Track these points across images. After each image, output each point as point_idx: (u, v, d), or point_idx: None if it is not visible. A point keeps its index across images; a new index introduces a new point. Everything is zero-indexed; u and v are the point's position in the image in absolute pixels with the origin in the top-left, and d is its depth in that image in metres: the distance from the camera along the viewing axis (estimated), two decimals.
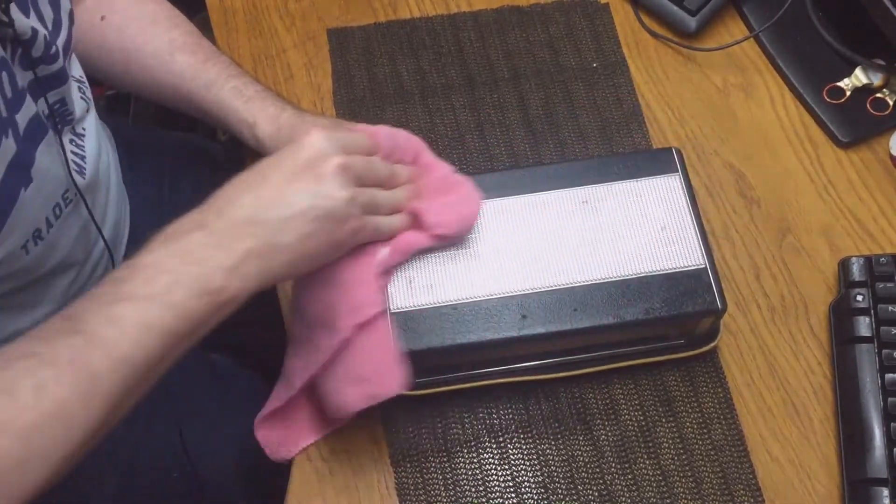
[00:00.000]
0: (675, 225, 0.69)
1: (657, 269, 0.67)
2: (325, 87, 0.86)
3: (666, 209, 0.69)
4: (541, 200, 0.70)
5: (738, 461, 0.70)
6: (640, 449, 0.70)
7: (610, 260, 0.67)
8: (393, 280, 0.66)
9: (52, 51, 0.64)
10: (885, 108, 0.84)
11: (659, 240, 0.68)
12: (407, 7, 0.91)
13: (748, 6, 0.90)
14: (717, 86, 0.86)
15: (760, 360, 0.74)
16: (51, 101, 0.67)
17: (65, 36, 0.67)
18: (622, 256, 0.67)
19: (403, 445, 0.71)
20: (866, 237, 0.79)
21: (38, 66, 0.63)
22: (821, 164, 0.83)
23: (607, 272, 0.67)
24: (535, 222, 0.69)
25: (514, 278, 0.66)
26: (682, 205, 0.69)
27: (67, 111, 0.70)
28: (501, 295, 0.66)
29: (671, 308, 0.66)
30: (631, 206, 0.69)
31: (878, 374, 0.70)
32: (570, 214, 0.69)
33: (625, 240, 0.68)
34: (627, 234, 0.68)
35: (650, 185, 0.70)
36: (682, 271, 0.67)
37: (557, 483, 0.69)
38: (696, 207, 0.69)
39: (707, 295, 0.66)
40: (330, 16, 0.90)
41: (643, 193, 0.70)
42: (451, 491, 0.69)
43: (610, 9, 0.90)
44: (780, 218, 0.80)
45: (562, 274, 0.67)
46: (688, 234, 0.68)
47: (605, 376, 0.73)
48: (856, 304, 0.73)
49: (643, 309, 0.66)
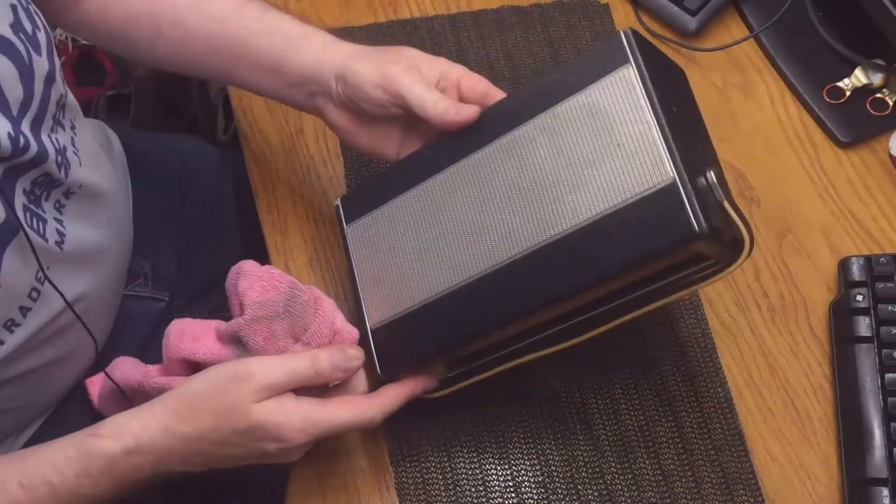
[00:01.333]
0: (634, 134, 0.53)
1: (619, 202, 0.53)
2: None
3: (622, 117, 0.54)
4: (486, 159, 0.60)
5: (738, 461, 0.70)
6: (640, 449, 0.70)
7: (567, 206, 0.55)
8: (366, 297, 0.64)
9: (21, 143, 0.59)
10: (885, 108, 0.84)
11: (616, 162, 0.53)
12: (407, 7, 0.91)
13: (748, 6, 0.90)
14: (716, 86, 0.86)
15: (760, 360, 0.74)
16: (32, 178, 0.63)
17: (34, 110, 0.62)
18: (578, 198, 0.55)
19: (403, 445, 0.71)
20: (866, 237, 0.79)
21: (4, 163, 0.59)
22: (821, 164, 0.83)
23: (566, 222, 0.55)
24: (487, 186, 0.59)
25: (467, 262, 0.59)
26: (639, 103, 0.53)
27: (53, 181, 0.66)
28: (462, 282, 0.59)
29: (642, 245, 0.52)
30: (579, 130, 0.55)
31: (878, 374, 0.70)
32: (517, 162, 0.58)
33: (579, 176, 0.55)
34: (580, 168, 0.55)
35: (598, 92, 0.55)
36: (646, 195, 0.52)
37: (557, 483, 0.69)
38: (665, 100, 0.53)
39: (680, 216, 0.51)
40: (330, 16, 0.90)
41: (592, 107, 0.55)
42: (451, 491, 0.69)
43: (610, 9, 0.90)
44: (780, 218, 0.80)
45: (516, 241, 0.57)
46: (650, 143, 0.52)
47: (605, 376, 0.73)
48: (856, 304, 0.72)
49: (614, 255, 0.53)
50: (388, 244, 0.64)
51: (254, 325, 0.60)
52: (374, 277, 0.64)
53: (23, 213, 0.62)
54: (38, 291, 0.64)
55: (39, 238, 0.64)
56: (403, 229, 0.63)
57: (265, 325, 0.60)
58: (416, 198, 0.63)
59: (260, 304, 0.60)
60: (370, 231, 0.65)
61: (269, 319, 0.60)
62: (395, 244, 0.64)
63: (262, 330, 0.60)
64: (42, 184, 0.65)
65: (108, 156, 0.86)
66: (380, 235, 0.65)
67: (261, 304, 0.60)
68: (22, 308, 0.64)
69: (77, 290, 0.71)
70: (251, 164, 0.82)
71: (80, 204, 0.70)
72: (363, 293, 0.65)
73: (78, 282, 0.71)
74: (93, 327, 0.75)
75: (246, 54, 0.70)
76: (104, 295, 0.78)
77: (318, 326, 0.62)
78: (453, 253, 0.60)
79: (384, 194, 0.65)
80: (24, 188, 0.62)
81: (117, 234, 0.80)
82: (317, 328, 0.62)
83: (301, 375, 0.58)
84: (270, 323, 0.60)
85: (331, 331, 0.62)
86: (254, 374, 0.57)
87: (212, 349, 0.62)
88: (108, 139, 0.90)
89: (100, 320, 0.79)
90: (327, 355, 0.59)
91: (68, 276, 0.69)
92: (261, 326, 0.60)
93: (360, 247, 0.66)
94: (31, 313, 0.65)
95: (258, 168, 0.82)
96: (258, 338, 0.60)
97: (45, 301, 0.66)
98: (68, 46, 1.33)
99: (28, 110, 0.62)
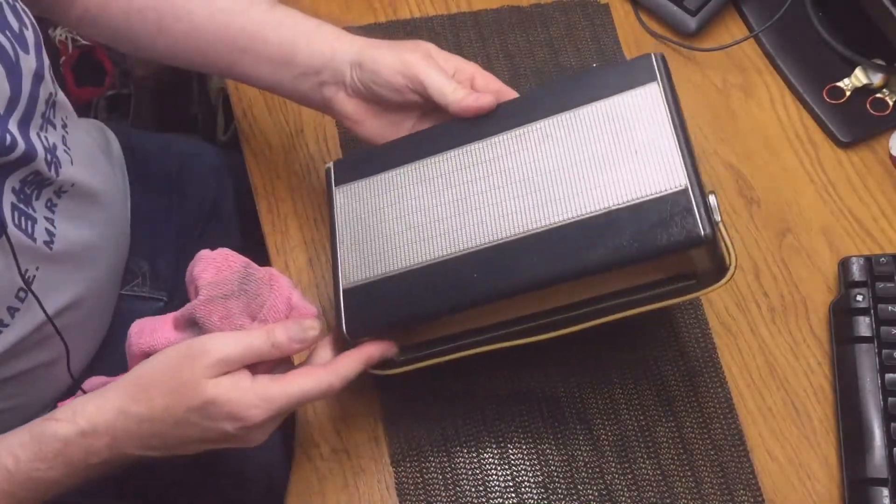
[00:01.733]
0: (651, 143, 0.58)
1: (628, 200, 0.57)
2: None
3: (642, 128, 0.59)
4: (498, 144, 0.63)
5: (738, 461, 0.70)
6: (640, 449, 0.70)
7: (573, 199, 0.58)
8: (344, 258, 0.64)
9: (8, 141, 0.59)
10: (885, 108, 0.84)
11: (631, 165, 0.58)
12: (407, 7, 0.91)
13: (748, 6, 0.90)
14: (717, 86, 0.86)
15: (760, 360, 0.74)
16: (21, 176, 0.63)
17: (22, 108, 0.62)
18: (587, 193, 0.58)
19: (403, 445, 0.71)
20: (866, 237, 0.79)
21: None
22: (821, 164, 0.83)
23: (570, 213, 0.58)
24: (492, 171, 0.62)
25: (466, 235, 0.61)
26: (661, 118, 0.58)
27: (44, 180, 0.65)
28: (453, 255, 0.61)
29: (643, 242, 0.55)
30: (599, 133, 0.60)
31: (878, 374, 0.70)
32: (530, 156, 0.61)
33: (591, 173, 0.59)
34: (593, 166, 0.59)
35: (622, 102, 0.60)
36: (657, 197, 0.56)
37: (557, 483, 0.69)
38: (681, 119, 0.59)
39: (688, 220, 0.55)
40: (330, 16, 0.90)
41: (615, 115, 0.60)
42: (451, 491, 0.69)
43: (610, 9, 0.90)
44: (780, 218, 0.80)
45: (518, 223, 0.59)
46: (666, 152, 0.57)
47: (605, 376, 0.73)
48: (856, 304, 0.72)
49: (611, 248, 0.56)
50: (378, 210, 0.65)
51: (209, 304, 0.59)
52: (356, 240, 0.65)
53: (10, 213, 0.62)
54: (26, 292, 0.64)
55: (27, 238, 0.64)
56: (396, 198, 0.64)
57: (220, 304, 0.60)
58: (416, 170, 0.64)
59: (214, 284, 0.59)
60: (360, 195, 0.66)
61: (225, 298, 0.60)
62: (385, 211, 0.64)
63: (218, 309, 0.60)
64: (32, 182, 0.64)
65: (105, 156, 0.86)
66: (370, 201, 0.65)
67: (215, 283, 0.59)
68: (10, 308, 0.64)
69: (70, 290, 0.71)
70: (251, 164, 0.82)
71: (72, 203, 0.70)
72: (340, 254, 0.65)
73: (70, 282, 0.71)
74: (88, 327, 0.75)
75: (253, 46, 0.70)
76: (100, 294, 0.78)
77: (273, 302, 0.61)
78: (446, 227, 0.61)
79: (383, 164, 0.66)
80: (12, 187, 0.62)
81: (112, 234, 0.80)
82: (272, 304, 0.61)
83: (257, 348, 0.58)
84: (226, 301, 0.60)
85: (287, 306, 0.62)
86: (208, 349, 0.57)
87: (169, 337, 0.61)
88: (107, 139, 0.89)
89: (94, 320, 0.79)
90: (283, 328, 0.59)
91: (59, 277, 0.69)
92: (216, 306, 0.60)
93: (347, 210, 0.66)
94: (20, 315, 0.65)
95: (258, 168, 0.82)
96: (214, 317, 0.60)
97: (33, 303, 0.65)
98: (68, 46, 1.33)
99: (15, 108, 0.61)
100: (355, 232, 0.65)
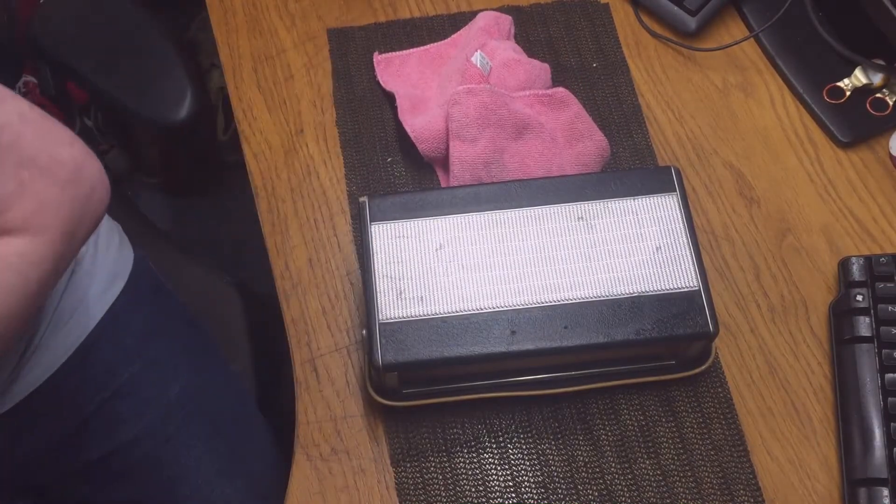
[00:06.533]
0: (671, 245, 0.69)
1: (650, 290, 0.67)
2: (325, 87, 0.86)
3: (662, 229, 0.69)
4: (535, 215, 0.70)
5: (738, 461, 0.70)
6: (640, 449, 0.70)
7: (602, 278, 0.67)
8: (381, 292, 0.67)
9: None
10: (884, 108, 0.84)
11: (653, 260, 0.68)
12: (407, 7, 0.91)
13: (748, 6, 0.90)
14: (716, 86, 0.86)
15: (760, 360, 0.74)
16: None
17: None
18: (615, 275, 0.68)
19: (403, 445, 0.71)
20: (866, 237, 0.79)
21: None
22: (821, 164, 0.83)
23: (599, 290, 0.67)
24: (529, 237, 0.69)
25: (505, 293, 0.67)
26: (678, 225, 0.70)
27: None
28: (492, 309, 0.66)
29: (662, 330, 0.66)
30: (626, 224, 0.70)
31: (878, 374, 0.70)
32: (565, 230, 0.69)
33: (618, 258, 0.68)
34: (621, 252, 0.69)
35: (647, 203, 0.71)
36: (675, 293, 0.67)
37: (557, 483, 0.69)
38: (693, 228, 0.70)
39: (699, 318, 0.66)
40: (330, 16, 0.90)
41: (639, 212, 0.70)
42: (451, 491, 0.69)
43: (610, 9, 0.90)
44: (780, 218, 0.80)
45: (553, 290, 0.67)
46: (683, 256, 0.68)
47: None
48: (856, 304, 0.73)
49: (634, 329, 0.66)
50: (420, 254, 0.69)
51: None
52: (394, 277, 0.68)
53: None
54: None
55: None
56: (441, 245, 0.69)
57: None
58: (465, 223, 0.70)
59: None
60: (399, 235, 0.70)
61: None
62: (428, 256, 0.69)
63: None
64: None
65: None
66: (411, 243, 0.69)
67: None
68: None
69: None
70: (251, 164, 0.82)
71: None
72: (378, 289, 0.67)
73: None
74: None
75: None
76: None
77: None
78: (490, 281, 0.68)
79: (426, 209, 0.70)
80: None
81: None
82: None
83: None
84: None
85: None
86: None
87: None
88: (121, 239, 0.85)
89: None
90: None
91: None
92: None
93: (385, 246, 0.69)
94: None
95: (258, 168, 0.82)
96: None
97: None
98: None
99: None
100: (394, 269, 0.68)
